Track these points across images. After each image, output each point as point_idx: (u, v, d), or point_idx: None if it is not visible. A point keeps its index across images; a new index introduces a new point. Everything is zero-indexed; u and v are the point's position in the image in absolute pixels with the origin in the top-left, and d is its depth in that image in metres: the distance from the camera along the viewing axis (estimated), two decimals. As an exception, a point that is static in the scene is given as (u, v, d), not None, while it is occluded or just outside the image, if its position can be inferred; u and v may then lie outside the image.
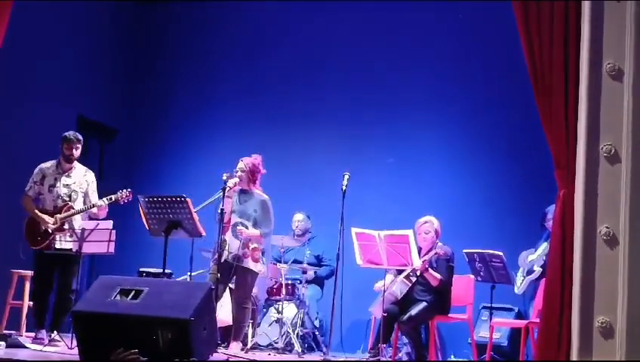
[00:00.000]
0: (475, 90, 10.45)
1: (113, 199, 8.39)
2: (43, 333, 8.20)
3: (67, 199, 8.51)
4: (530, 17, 6.46)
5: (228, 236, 8.21)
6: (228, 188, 8.12)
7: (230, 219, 8.23)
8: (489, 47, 10.34)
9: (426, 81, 10.67)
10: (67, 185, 8.56)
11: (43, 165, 8.63)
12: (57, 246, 8.36)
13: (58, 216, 8.40)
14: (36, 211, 8.46)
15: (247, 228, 8.23)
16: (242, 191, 8.38)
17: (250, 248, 8.21)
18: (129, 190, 8.42)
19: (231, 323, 8.36)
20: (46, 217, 8.39)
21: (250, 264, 8.21)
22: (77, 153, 8.62)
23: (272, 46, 11.48)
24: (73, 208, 8.46)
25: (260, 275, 8.59)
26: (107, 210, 8.49)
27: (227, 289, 8.59)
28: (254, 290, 9.31)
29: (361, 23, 10.93)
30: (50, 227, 8.34)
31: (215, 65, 11.72)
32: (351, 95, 10.95)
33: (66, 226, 8.34)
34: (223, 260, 8.12)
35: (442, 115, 10.60)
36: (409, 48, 10.80)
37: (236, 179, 8.25)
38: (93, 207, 8.44)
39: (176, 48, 11.96)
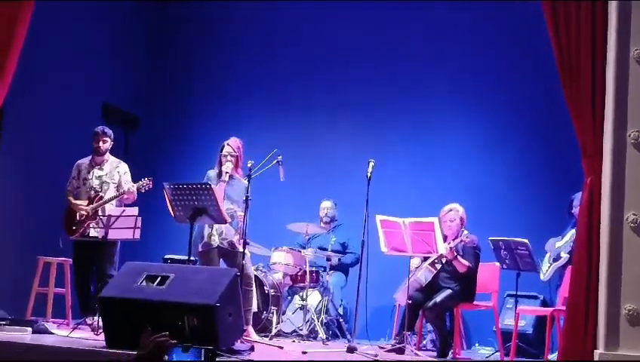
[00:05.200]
0: (498, 78, 10.42)
1: (135, 187, 8.63)
2: (92, 318, 8.27)
3: (99, 190, 8.81)
4: (558, 4, 6.44)
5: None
6: (225, 173, 8.12)
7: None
8: (514, 36, 10.31)
9: (449, 70, 10.64)
10: (99, 176, 8.89)
11: (79, 161, 9.02)
12: (92, 234, 8.61)
13: (91, 205, 8.69)
14: (71, 200, 8.80)
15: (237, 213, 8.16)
16: (229, 177, 8.23)
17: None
18: (150, 179, 8.67)
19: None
20: (79, 202, 8.74)
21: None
22: (104, 146, 8.92)
23: (295, 36, 11.47)
24: (103, 198, 8.74)
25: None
26: (135, 196, 8.74)
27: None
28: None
29: (384, 13, 10.89)
30: (83, 213, 8.63)
31: (238, 55, 11.73)
32: (374, 84, 10.94)
33: (100, 214, 8.49)
34: (216, 245, 8.10)
35: (466, 103, 10.58)
36: (432, 38, 10.78)
37: (231, 165, 8.17)
38: (120, 195, 8.69)
39: (198, 38, 11.96)
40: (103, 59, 11.07)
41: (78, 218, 8.70)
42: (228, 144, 8.30)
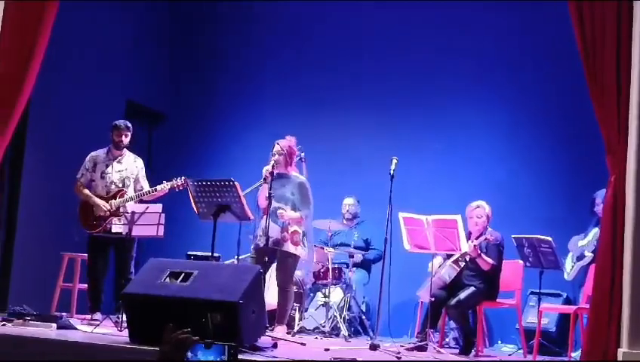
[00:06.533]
0: (521, 74, 10.37)
1: (169, 186, 8.52)
2: (98, 315, 8.33)
3: (120, 185, 8.74)
4: (583, 4, 6.42)
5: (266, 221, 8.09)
6: (266, 171, 8.10)
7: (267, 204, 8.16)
8: (537, 31, 10.25)
9: (473, 66, 10.60)
10: (119, 171, 8.79)
11: (94, 153, 8.86)
12: (115, 230, 8.50)
13: (114, 201, 8.61)
14: (92, 196, 8.65)
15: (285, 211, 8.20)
16: (279, 175, 8.21)
17: (290, 231, 8.18)
18: (183, 178, 8.43)
19: (276, 307, 8.35)
20: (101, 202, 8.60)
21: (290, 247, 8.18)
22: (126, 140, 8.85)
23: (319, 33, 11.47)
24: (127, 194, 8.67)
25: (303, 258, 8.56)
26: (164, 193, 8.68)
27: (272, 273, 8.57)
28: (299, 274, 9.34)
29: (404, 9, 10.84)
30: (106, 211, 8.53)
31: (262, 52, 11.73)
32: (398, 80, 10.91)
33: (121, 211, 8.43)
34: (262, 245, 8.05)
35: (490, 100, 10.54)
36: (454, 33, 10.72)
37: (271, 164, 8.13)
38: (151, 192, 8.63)
39: (223, 36, 11.98)
40: (127, 57, 11.13)
41: (100, 213, 8.59)
42: (277, 143, 8.31)
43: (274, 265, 8.40)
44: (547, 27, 10.02)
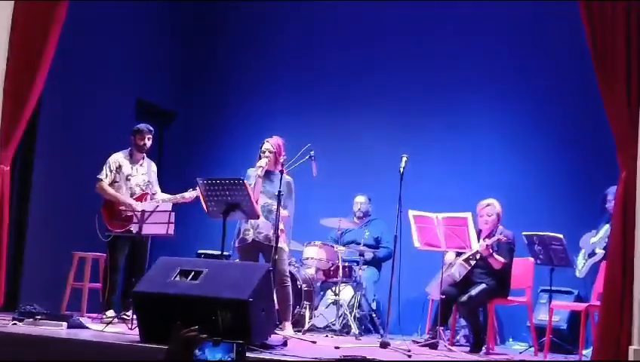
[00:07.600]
0: (531, 71, 10.34)
1: (195, 194, 8.54)
2: (112, 314, 8.33)
3: (144, 188, 8.82)
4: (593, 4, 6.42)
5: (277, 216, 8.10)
6: (259, 168, 8.12)
7: (258, 200, 8.18)
8: (547, 31, 10.23)
9: (482, 66, 10.57)
10: (143, 174, 8.87)
11: (117, 155, 8.84)
12: (134, 230, 8.47)
13: (144, 203, 8.60)
14: (120, 196, 8.65)
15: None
16: (267, 173, 8.23)
17: (280, 228, 8.20)
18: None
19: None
20: (133, 201, 8.62)
21: (281, 243, 8.20)
22: (149, 143, 8.90)
23: (327, 31, 11.47)
24: (149, 197, 8.74)
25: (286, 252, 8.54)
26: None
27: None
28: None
29: (419, 10, 10.83)
30: (139, 210, 8.46)
31: (274, 50, 11.74)
32: (408, 79, 10.90)
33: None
34: (251, 240, 8.12)
35: (500, 99, 10.51)
36: (465, 35, 10.71)
37: (265, 160, 8.17)
38: (178, 199, 8.74)
39: (235, 33, 11.98)
40: (137, 56, 11.13)
41: (124, 214, 8.52)
42: (267, 141, 8.33)
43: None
44: (557, 29, 9.99)
